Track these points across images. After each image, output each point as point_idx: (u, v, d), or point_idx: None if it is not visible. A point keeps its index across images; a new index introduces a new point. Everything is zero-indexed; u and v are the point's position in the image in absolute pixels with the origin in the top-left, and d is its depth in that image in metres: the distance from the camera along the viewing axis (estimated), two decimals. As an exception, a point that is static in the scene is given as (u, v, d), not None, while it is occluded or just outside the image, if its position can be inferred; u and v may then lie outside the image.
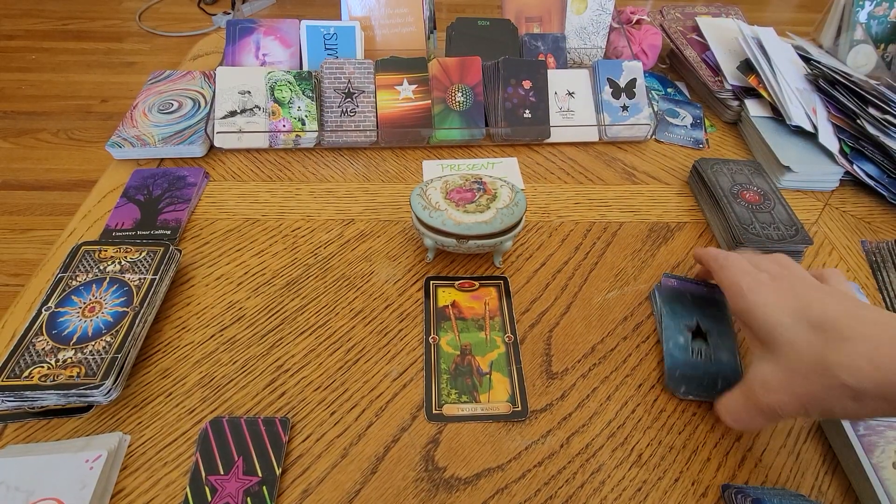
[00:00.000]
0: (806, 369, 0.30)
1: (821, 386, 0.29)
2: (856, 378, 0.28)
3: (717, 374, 0.41)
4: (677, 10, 0.78)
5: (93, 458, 0.34)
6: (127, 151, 0.58)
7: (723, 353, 0.42)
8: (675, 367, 0.41)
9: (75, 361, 0.36)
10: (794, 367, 0.31)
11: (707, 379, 0.40)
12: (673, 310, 0.44)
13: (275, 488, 0.34)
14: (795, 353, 0.31)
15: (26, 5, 2.30)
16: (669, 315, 0.44)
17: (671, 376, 0.41)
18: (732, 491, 0.35)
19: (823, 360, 0.29)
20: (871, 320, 0.30)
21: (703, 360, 0.41)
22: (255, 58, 0.65)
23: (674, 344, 0.42)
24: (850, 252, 0.53)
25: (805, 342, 0.31)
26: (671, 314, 0.44)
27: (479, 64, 0.63)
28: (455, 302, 0.46)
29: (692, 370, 0.41)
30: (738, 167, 0.56)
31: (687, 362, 0.41)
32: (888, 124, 0.56)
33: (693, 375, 0.41)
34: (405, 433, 0.38)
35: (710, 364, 0.41)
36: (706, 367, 0.41)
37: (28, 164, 1.58)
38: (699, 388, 0.40)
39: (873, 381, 0.27)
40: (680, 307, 0.44)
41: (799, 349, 0.31)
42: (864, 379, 0.28)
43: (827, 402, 0.29)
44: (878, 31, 0.72)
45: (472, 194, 0.45)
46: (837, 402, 0.29)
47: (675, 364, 0.41)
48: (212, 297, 0.46)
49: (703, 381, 0.40)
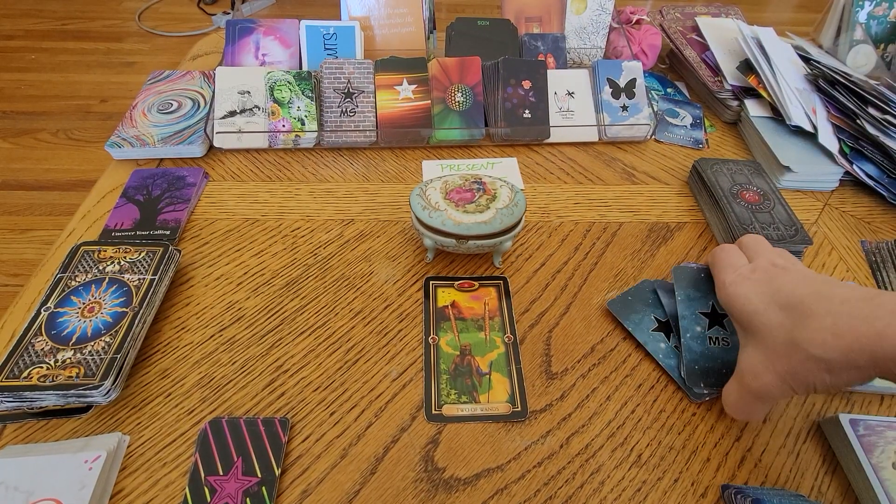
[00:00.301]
0: (782, 349, 0.32)
1: (796, 361, 0.31)
2: (822, 349, 0.30)
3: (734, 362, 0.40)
4: (677, 10, 0.78)
5: (92, 459, 0.34)
6: (126, 151, 0.58)
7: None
8: (694, 362, 0.41)
9: (74, 362, 0.36)
10: (771, 348, 0.33)
11: (725, 369, 0.40)
12: (688, 295, 0.43)
13: (274, 489, 0.34)
14: (771, 336, 0.33)
15: (26, 5, 2.30)
16: (685, 303, 0.43)
17: (690, 372, 0.40)
18: (732, 491, 0.35)
19: (794, 338, 0.31)
20: (839, 297, 0.31)
21: (719, 347, 0.41)
22: (255, 58, 0.65)
23: (691, 335, 0.42)
24: (849, 252, 0.53)
25: (777, 324, 0.33)
26: (686, 301, 0.43)
27: (479, 64, 0.63)
28: (455, 302, 0.46)
29: (710, 362, 0.41)
30: (737, 167, 0.56)
31: (704, 353, 0.41)
32: (888, 124, 0.56)
33: (711, 368, 0.40)
34: (405, 433, 0.38)
35: (729, 350, 0.41)
36: (724, 356, 0.41)
37: (27, 165, 1.58)
38: (718, 380, 0.40)
39: (838, 350, 0.29)
40: (694, 291, 0.44)
41: (773, 331, 0.33)
42: (829, 350, 0.30)
43: (805, 376, 0.31)
44: (878, 31, 0.72)
45: (472, 194, 0.45)
46: (815, 375, 0.31)
47: (693, 358, 0.41)
48: (211, 298, 0.46)
49: (722, 370, 0.40)
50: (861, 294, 0.31)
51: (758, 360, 0.34)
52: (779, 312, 0.33)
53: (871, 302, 0.30)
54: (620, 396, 0.41)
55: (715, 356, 0.41)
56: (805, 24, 2.26)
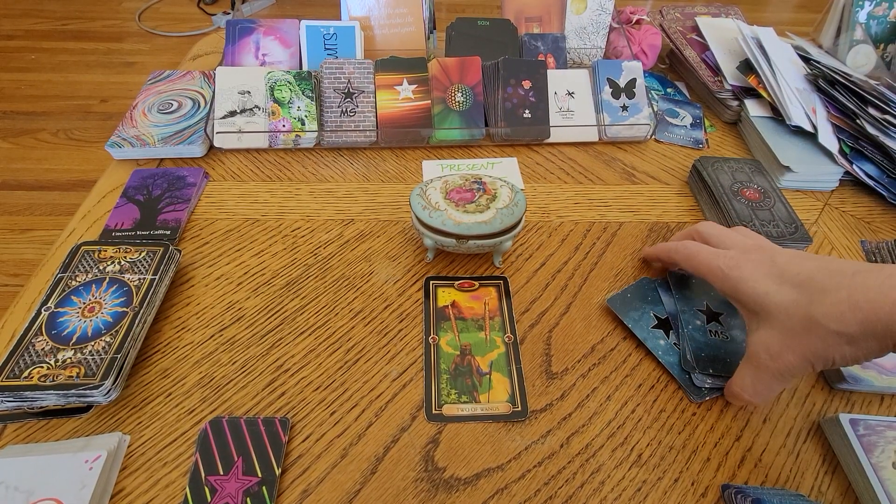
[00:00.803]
0: (800, 327, 0.32)
1: (817, 338, 0.31)
2: (841, 323, 0.30)
3: (738, 353, 0.41)
4: (677, 10, 0.78)
5: (92, 459, 0.34)
6: (126, 151, 0.58)
7: (736, 331, 0.43)
8: (700, 350, 0.41)
9: (75, 362, 0.36)
10: (789, 328, 0.33)
11: (729, 358, 0.41)
12: (684, 295, 0.45)
13: (274, 488, 0.34)
14: (786, 315, 0.33)
15: (26, 5, 2.30)
16: (682, 300, 0.45)
17: (698, 358, 0.41)
18: (732, 491, 0.35)
19: (810, 314, 0.31)
20: (849, 270, 0.32)
21: (720, 339, 0.42)
22: (255, 58, 0.65)
23: (693, 327, 0.43)
24: (849, 252, 0.53)
25: (792, 302, 0.33)
26: (683, 300, 0.45)
27: (479, 64, 0.63)
28: (455, 302, 0.46)
29: (714, 350, 0.41)
30: (738, 165, 0.56)
31: (708, 343, 0.42)
32: (888, 124, 0.56)
33: (717, 356, 0.41)
34: (405, 433, 0.38)
35: (729, 343, 0.42)
36: (726, 347, 0.42)
37: (28, 164, 1.58)
38: (724, 367, 0.40)
39: (856, 322, 0.30)
40: (689, 292, 0.45)
41: (788, 310, 0.33)
42: (848, 323, 0.30)
43: (827, 352, 0.31)
44: (878, 31, 0.72)
45: (472, 194, 0.45)
46: (835, 349, 0.31)
47: (698, 346, 0.42)
48: (211, 298, 0.46)
49: (726, 359, 0.41)
50: (868, 265, 0.31)
51: (775, 341, 0.33)
52: (791, 290, 0.33)
53: (882, 272, 0.30)
54: (620, 396, 0.41)
55: (718, 346, 0.42)
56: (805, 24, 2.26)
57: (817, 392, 0.41)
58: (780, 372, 0.34)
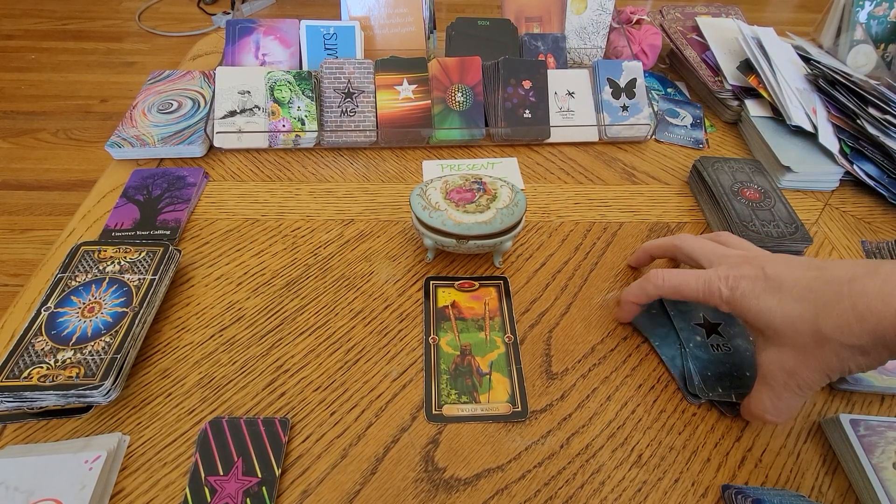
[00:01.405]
0: (811, 342, 0.31)
1: (831, 352, 0.31)
2: (852, 336, 0.29)
3: (742, 364, 0.40)
4: (677, 10, 0.78)
5: (92, 459, 0.34)
6: (126, 151, 0.58)
7: (737, 340, 0.42)
8: (706, 369, 0.40)
9: (74, 362, 0.36)
10: (800, 344, 0.32)
11: (735, 372, 0.40)
12: (680, 310, 0.44)
13: (274, 489, 0.34)
14: (794, 331, 0.32)
15: (26, 5, 2.30)
16: (679, 317, 0.44)
17: (704, 379, 0.40)
18: (732, 491, 0.35)
19: (820, 330, 0.31)
20: (844, 277, 0.31)
21: (722, 353, 0.41)
22: (255, 58, 0.65)
23: (694, 345, 0.42)
24: (850, 252, 0.53)
25: (797, 317, 0.32)
26: (679, 315, 0.44)
27: (479, 64, 0.63)
28: (455, 302, 0.46)
29: (719, 367, 0.41)
30: (738, 165, 0.56)
31: (712, 360, 0.41)
32: (888, 124, 0.56)
33: (722, 373, 0.40)
34: (405, 433, 0.38)
35: (732, 354, 0.41)
36: (731, 360, 0.41)
37: (27, 164, 1.58)
38: (731, 383, 0.39)
39: (866, 333, 0.29)
40: (683, 305, 0.45)
41: (795, 325, 0.32)
42: (857, 335, 0.29)
43: (842, 364, 0.31)
44: (878, 31, 0.72)
45: (472, 194, 0.45)
46: (851, 361, 0.30)
47: (703, 366, 0.41)
48: (211, 298, 0.46)
49: (733, 374, 0.40)
50: (861, 270, 0.31)
51: (788, 358, 0.33)
52: (794, 304, 0.32)
53: (878, 275, 0.30)
54: (621, 396, 0.41)
55: (722, 361, 0.41)
56: (805, 24, 2.26)
57: (818, 392, 0.41)
58: (800, 388, 0.33)
